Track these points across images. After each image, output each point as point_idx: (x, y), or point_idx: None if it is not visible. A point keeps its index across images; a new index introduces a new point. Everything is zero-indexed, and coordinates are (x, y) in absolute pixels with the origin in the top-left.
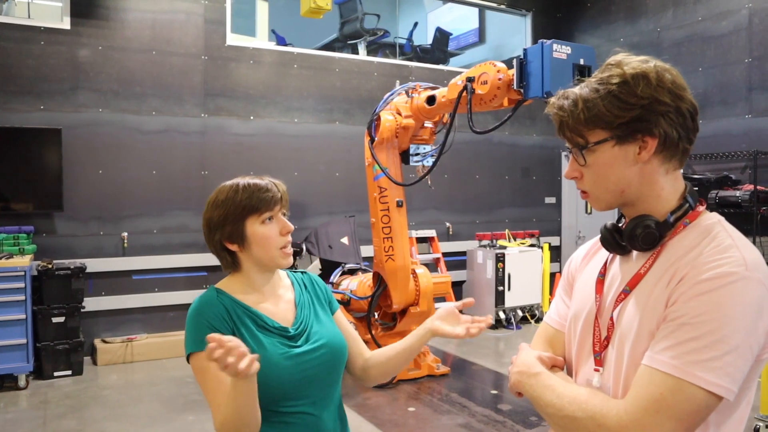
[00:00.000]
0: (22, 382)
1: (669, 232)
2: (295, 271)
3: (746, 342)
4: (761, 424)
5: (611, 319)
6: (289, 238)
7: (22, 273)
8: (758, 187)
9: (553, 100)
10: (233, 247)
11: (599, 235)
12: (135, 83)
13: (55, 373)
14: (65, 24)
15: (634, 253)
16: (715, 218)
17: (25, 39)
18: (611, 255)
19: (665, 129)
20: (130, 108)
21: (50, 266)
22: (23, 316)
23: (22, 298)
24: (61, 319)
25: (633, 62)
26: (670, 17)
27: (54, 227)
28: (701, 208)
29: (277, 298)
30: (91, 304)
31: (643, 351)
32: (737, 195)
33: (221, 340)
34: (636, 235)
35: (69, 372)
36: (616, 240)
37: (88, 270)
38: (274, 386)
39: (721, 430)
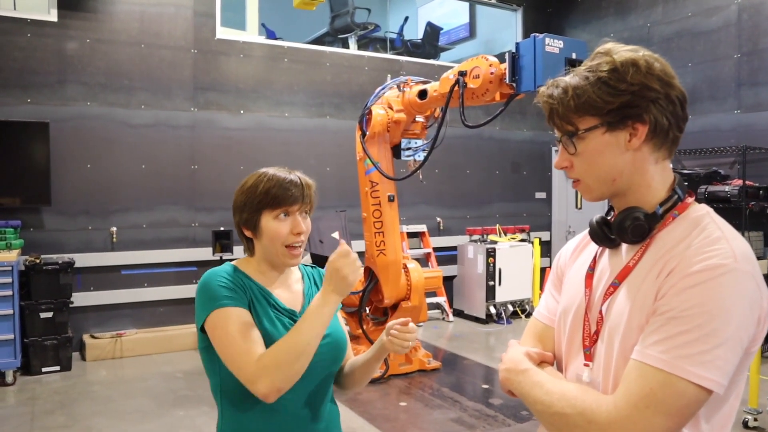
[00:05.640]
0: (9, 378)
1: (658, 224)
2: (306, 265)
3: (736, 335)
4: (750, 417)
5: (600, 313)
6: (301, 238)
7: (9, 268)
8: (747, 182)
9: (542, 89)
10: (248, 233)
11: (588, 229)
12: (123, 76)
13: (43, 369)
14: (52, 16)
15: (624, 246)
16: (704, 210)
17: (11, 31)
18: (600, 248)
19: (655, 115)
20: (118, 101)
21: (38, 261)
22: (10, 312)
23: (10, 293)
24: (50, 315)
25: (622, 50)
26: (660, 13)
27: (42, 222)
28: (690, 199)
29: (287, 287)
30: (79, 299)
31: (632, 345)
32: (726, 190)
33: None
34: (625, 228)
35: (57, 368)
36: (605, 233)
37: (76, 265)
38: None
39: (711, 423)
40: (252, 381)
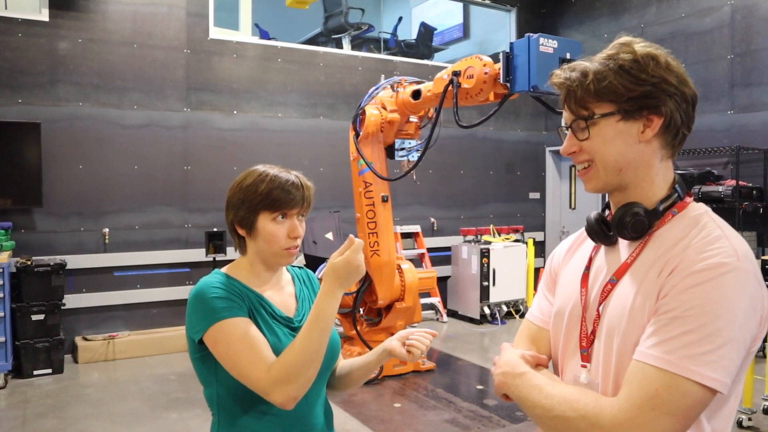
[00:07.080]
0: (0, 382)
1: (657, 221)
2: (294, 266)
3: (740, 334)
4: (744, 416)
5: (597, 312)
6: (297, 242)
7: (1, 270)
8: (740, 183)
9: (557, 71)
10: (242, 232)
11: (582, 229)
12: (116, 77)
13: (35, 372)
14: (44, 16)
15: (620, 243)
16: (702, 209)
17: (1, 31)
18: (595, 248)
19: (671, 110)
20: (111, 102)
21: (29, 263)
22: (2, 314)
23: (1, 295)
24: (41, 317)
25: (642, 44)
26: (654, 13)
27: (33, 223)
28: (689, 199)
29: (280, 289)
30: (71, 301)
31: (633, 344)
32: (719, 190)
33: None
34: (625, 223)
35: (49, 370)
36: (602, 230)
37: (68, 266)
38: None
39: (712, 423)
40: (266, 392)
